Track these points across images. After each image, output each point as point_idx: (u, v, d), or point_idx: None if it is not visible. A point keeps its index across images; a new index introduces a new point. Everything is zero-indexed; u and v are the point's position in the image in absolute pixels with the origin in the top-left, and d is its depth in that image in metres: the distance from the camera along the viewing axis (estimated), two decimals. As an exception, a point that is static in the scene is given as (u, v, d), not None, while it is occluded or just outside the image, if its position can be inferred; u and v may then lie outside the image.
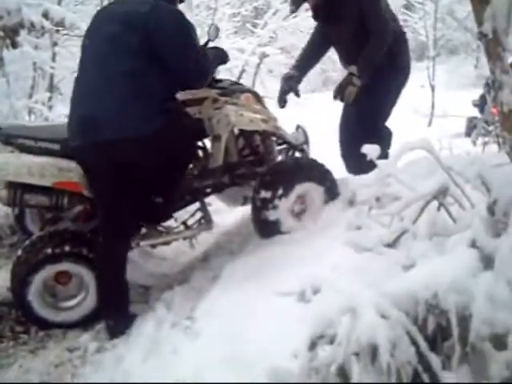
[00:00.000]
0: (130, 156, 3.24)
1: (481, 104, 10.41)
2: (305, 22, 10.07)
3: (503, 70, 2.03)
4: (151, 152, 3.30)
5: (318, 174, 3.96)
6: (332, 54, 4.97)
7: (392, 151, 3.94)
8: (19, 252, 3.54)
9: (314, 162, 4.03)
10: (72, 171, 3.43)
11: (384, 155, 3.36)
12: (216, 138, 3.86)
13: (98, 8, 5.77)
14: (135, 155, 3.25)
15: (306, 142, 4.57)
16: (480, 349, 1.79)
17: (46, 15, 6.90)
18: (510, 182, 1.89)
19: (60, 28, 7.61)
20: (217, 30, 3.97)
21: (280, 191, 3.80)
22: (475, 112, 10.92)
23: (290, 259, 3.19)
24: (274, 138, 4.29)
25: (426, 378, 1.75)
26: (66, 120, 3.49)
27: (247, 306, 2.84)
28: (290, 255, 3.27)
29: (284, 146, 4.47)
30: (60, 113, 9.88)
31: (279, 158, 4.40)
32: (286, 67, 12.06)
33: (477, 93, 11.10)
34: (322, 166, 4.00)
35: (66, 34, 8.45)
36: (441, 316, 1.91)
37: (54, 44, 8.86)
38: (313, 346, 2.01)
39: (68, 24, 7.23)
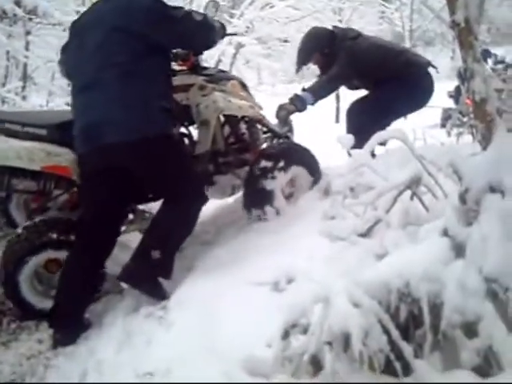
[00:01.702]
0: (135, 158, 3.19)
1: (456, 95, 10.46)
2: (282, 12, 10.02)
3: (475, 59, 2.04)
4: (157, 152, 3.23)
5: (309, 160, 4.04)
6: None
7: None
8: (19, 230, 3.47)
9: (305, 148, 4.09)
10: (60, 155, 3.39)
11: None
12: (204, 123, 3.85)
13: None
14: (140, 157, 3.19)
15: (291, 130, 4.68)
16: (451, 336, 1.81)
17: (18, 3, 6.81)
18: (482, 171, 1.90)
19: (33, 16, 7.51)
20: (215, 5, 3.97)
21: (281, 164, 3.86)
22: (450, 103, 10.97)
23: (264, 249, 3.19)
24: (259, 126, 4.32)
25: (398, 365, 1.76)
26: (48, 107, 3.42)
27: (221, 295, 2.83)
28: (264, 245, 3.27)
29: (269, 134, 4.52)
30: (34, 103, 9.78)
31: (264, 145, 4.43)
32: (263, 57, 12.06)
33: (452, 84, 11.15)
34: (311, 153, 4.07)
35: (39, 23, 8.34)
36: (413, 304, 1.92)
37: (28, 33, 8.73)
38: (286, 335, 2.02)
39: (41, 12, 7.13)
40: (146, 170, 3.24)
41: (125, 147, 3.12)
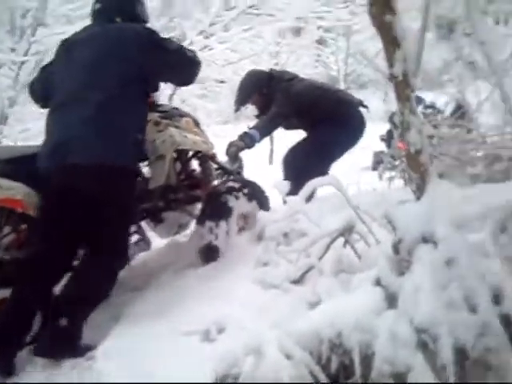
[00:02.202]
0: (93, 182, 3.08)
1: (387, 139, 10.69)
2: (220, 55, 10.11)
3: (411, 111, 2.07)
4: (119, 182, 3.17)
5: (262, 196, 4.11)
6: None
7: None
8: None
9: (259, 185, 4.17)
10: (13, 189, 3.20)
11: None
12: (160, 158, 3.79)
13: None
14: (98, 182, 3.09)
15: (241, 167, 4.72)
16: (381, 387, 1.79)
17: None
18: (415, 222, 1.92)
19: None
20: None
21: (243, 193, 3.98)
22: (382, 146, 11.21)
23: (195, 296, 3.13)
24: (211, 163, 4.36)
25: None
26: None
27: (151, 345, 2.74)
28: (195, 291, 3.20)
29: (220, 171, 4.57)
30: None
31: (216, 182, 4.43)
32: (198, 98, 12.09)
33: (384, 127, 11.41)
34: (263, 190, 4.15)
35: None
36: (344, 355, 1.91)
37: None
38: (217, 386, 1.97)
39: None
40: (97, 196, 3.11)
41: (87, 170, 3.04)
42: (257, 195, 4.06)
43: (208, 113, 14.61)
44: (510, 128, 3.39)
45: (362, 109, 5.05)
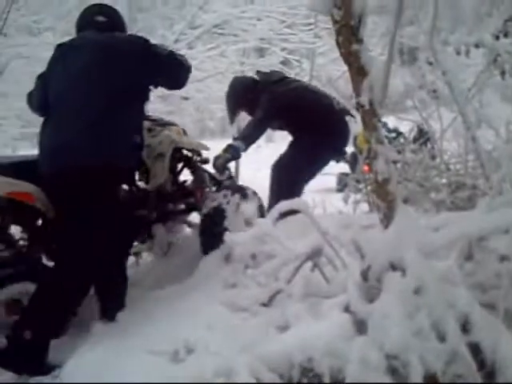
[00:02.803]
0: (95, 186, 3.13)
1: (351, 161, 10.77)
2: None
3: (378, 140, 2.12)
4: (117, 185, 3.36)
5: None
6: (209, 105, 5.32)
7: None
8: None
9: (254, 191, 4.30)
10: (23, 185, 3.26)
11: None
12: (159, 157, 3.93)
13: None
14: (102, 185, 3.16)
15: (231, 178, 4.91)
16: (352, 413, 1.82)
17: None
18: (383, 249, 1.96)
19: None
20: None
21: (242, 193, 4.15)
22: (346, 168, 11.29)
23: (162, 317, 3.10)
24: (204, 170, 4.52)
25: None
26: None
27: (117, 364, 2.72)
28: (163, 312, 3.19)
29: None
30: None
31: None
32: (167, 114, 12.07)
33: (349, 149, 11.49)
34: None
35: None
36: (315, 379, 1.93)
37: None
38: (186, 409, 1.97)
39: None
40: (88, 194, 3.13)
41: (86, 171, 3.09)
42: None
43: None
44: (473, 156, 3.48)
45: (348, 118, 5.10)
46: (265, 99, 4.78)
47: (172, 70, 3.51)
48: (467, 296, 1.94)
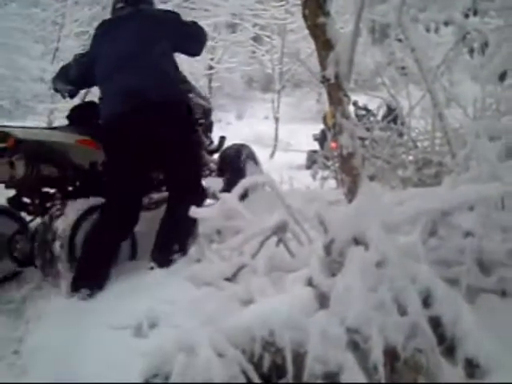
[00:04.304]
0: (167, 119, 3.72)
1: (321, 138, 10.78)
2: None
3: (343, 115, 2.10)
4: (184, 116, 3.95)
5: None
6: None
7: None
8: None
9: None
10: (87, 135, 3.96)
11: None
12: None
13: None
14: (173, 118, 3.76)
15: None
16: (313, 387, 1.81)
17: None
18: (346, 224, 1.95)
19: None
20: None
21: None
22: (316, 145, 11.30)
23: (125, 291, 3.09)
24: None
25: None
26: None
27: (79, 340, 2.69)
28: (126, 287, 3.16)
29: None
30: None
31: None
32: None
33: (318, 127, 11.49)
34: None
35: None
36: (276, 353, 1.91)
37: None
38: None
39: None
40: (174, 132, 3.75)
41: (161, 106, 3.69)
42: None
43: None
44: (440, 133, 3.49)
45: None
46: None
47: (196, 36, 4.18)
48: (429, 271, 1.94)
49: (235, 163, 5.00)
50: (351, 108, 10.19)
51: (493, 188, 1.97)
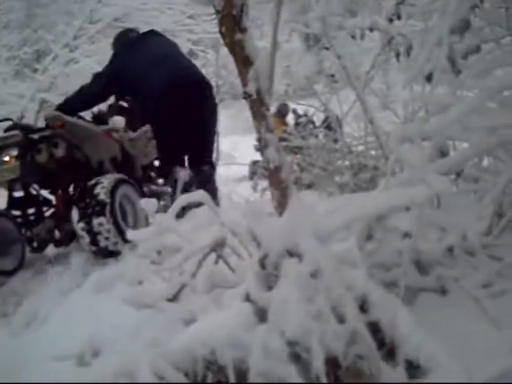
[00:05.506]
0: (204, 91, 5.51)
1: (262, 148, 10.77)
2: (86, 68, 9.91)
3: (267, 129, 2.10)
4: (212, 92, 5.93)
5: None
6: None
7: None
8: None
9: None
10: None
11: None
12: None
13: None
14: (207, 91, 5.61)
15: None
16: (256, 402, 1.79)
17: None
18: (278, 237, 1.95)
19: None
20: None
21: None
22: (258, 156, 11.26)
23: (65, 318, 3.01)
24: None
25: None
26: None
27: (21, 374, 2.61)
28: (64, 314, 3.08)
29: None
30: None
31: None
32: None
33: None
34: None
35: None
36: (219, 372, 1.89)
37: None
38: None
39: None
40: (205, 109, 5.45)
41: (199, 84, 5.50)
42: None
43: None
44: (372, 138, 3.54)
45: None
46: None
47: None
48: (365, 276, 1.95)
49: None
50: (291, 116, 10.22)
51: (419, 192, 1.99)
